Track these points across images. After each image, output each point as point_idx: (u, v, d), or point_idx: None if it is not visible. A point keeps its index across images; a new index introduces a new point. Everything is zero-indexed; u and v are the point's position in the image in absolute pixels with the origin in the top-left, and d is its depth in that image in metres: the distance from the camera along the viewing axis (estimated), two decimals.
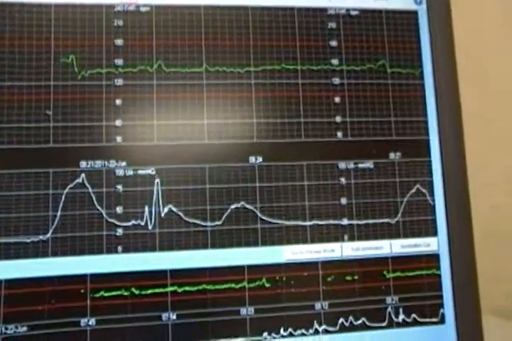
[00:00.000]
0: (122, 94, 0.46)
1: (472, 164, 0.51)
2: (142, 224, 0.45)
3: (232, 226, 0.46)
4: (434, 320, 0.48)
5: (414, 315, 0.48)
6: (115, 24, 0.47)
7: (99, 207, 0.45)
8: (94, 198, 0.45)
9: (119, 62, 0.47)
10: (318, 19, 0.50)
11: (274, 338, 0.45)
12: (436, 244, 0.49)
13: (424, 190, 0.49)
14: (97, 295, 0.43)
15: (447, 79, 0.50)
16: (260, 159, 0.47)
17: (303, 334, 0.46)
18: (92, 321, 0.43)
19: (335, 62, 0.50)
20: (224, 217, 0.46)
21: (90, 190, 0.45)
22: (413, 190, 0.49)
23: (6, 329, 0.42)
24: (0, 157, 0.44)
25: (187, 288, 0.45)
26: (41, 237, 0.44)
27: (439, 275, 0.48)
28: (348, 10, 0.51)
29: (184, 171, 0.46)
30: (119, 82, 0.46)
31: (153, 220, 0.45)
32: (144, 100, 0.47)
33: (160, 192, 0.46)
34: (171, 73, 0.47)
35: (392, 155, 0.49)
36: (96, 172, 0.45)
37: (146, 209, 0.45)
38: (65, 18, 0.46)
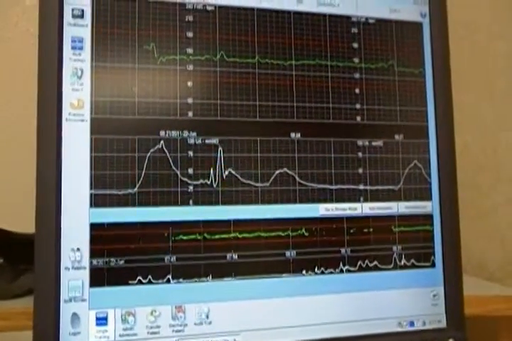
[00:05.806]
0: (193, 77, 0.57)
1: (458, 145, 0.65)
2: (208, 183, 0.56)
3: (277, 187, 0.58)
4: (427, 264, 0.62)
5: (412, 260, 0.61)
6: (186, 19, 0.58)
7: (174, 168, 0.55)
8: (170, 161, 0.55)
9: (190, 50, 0.57)
10: (344, 25, 0.62)
11: (311, 275, 0.58)
12: (430, 206, 0.63)
13: (420, 165, 0.63)
14: (177, 238, 0.54)
15: (443, 79, 0.64)
16: (299, 135, 0.59)
17: (331, 273, 0.58)
18: (173, 258, 0.54)
19: (356, 60, 0.62)
20: (271, 180, 0.58)
21: (168, 154, 0.55)
22: (412, 165, 0.63)
23: (110, 261, 0.52)
24: (99, 125, 0.54)
25: (245, 235, 0.56)
26: (130, 190, 0.54)
27: (432, 231, 0.62)
28: (367, 19, 0.63)
29: (242, 142, 0.58)
30: (190, 67, 0.57)
31: (217, 180, 0.56)
32: (210, 83, 0.58)
33: (222, 158, 0.57)
34: (231, 62, 0.58)
35: (396, 137, 0.63)
36: (172, 140, 0.56)
37: (211, 171, 0.56)
38: (147, 13, 0.57)
